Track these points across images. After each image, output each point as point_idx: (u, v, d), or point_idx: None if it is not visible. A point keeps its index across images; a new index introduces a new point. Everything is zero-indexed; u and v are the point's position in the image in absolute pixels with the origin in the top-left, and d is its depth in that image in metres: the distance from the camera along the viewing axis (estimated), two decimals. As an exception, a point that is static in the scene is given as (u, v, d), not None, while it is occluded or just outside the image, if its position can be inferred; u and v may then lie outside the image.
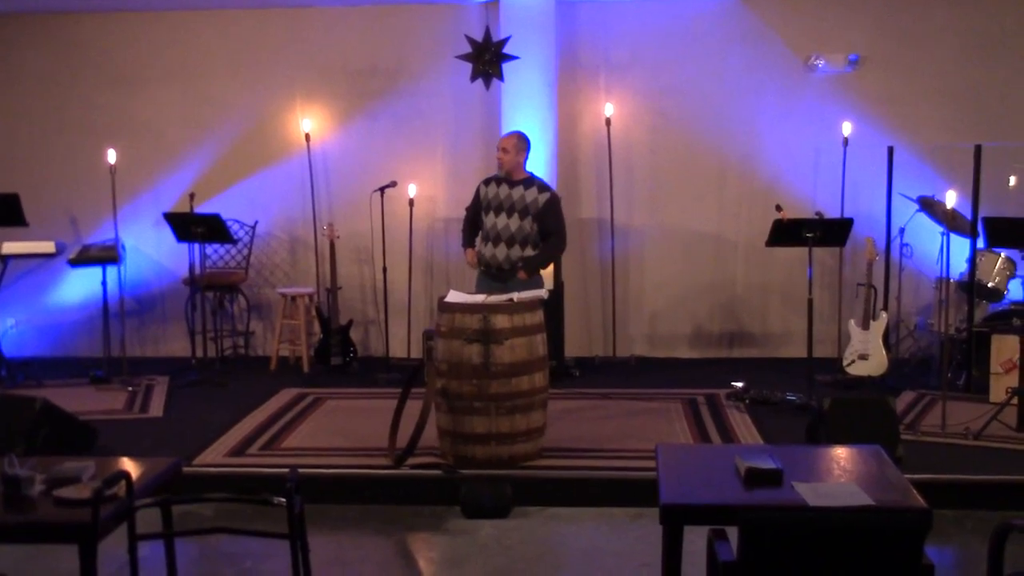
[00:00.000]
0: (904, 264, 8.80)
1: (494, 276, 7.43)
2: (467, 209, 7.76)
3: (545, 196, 7.35)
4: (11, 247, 8.91)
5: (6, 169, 9.28)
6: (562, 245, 7.62)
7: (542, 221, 7.35)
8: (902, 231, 8.65)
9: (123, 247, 9.28)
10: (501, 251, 7.38)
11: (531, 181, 7.42)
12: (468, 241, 7.71)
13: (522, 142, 7.45)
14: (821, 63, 9.27)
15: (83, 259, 9.14)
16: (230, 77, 9.82)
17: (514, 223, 7.34)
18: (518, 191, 7.36)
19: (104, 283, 8.99)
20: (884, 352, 8.27)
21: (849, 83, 9.35)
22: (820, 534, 3.48)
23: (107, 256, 9.07)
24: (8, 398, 6.98)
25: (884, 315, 8.41)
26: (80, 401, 7.94)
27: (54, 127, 9.95)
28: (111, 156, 8.84)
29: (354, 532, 6.05)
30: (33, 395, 6.94)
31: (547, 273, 8.57)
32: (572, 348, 9.34)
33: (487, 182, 7.54)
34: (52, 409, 6.77)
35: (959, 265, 8.47)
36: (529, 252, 7.38)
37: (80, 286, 9.73)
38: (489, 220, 7.44)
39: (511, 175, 7.42)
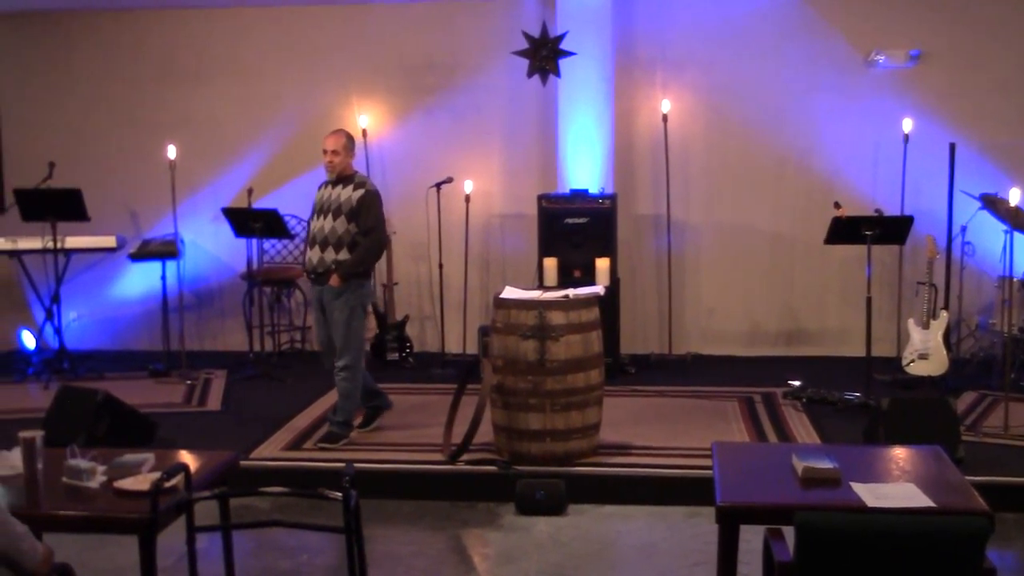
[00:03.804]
0: (966, 262, 8.65)
1: (313, 280, 7.03)
2: (309, 220, 7.29)
3: (359, 193, 6.86)
4: (74, 241, 9.06)
5: (69, 165, 9.39)
6: (377, 247, 6.99)
7: (357, 220, 6.84)
8: (964, 229, 8.51)
9: (182, 242, 9.36)
10: (315, 254, 6.91)
11: (351, 179, 6.96)
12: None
13: (351, 141, 7.03)
14: (882, 58, 9.14)
15: (143, 254, 9.24)
16: (288, 73, 9.88)
17: (327, 224, 6.86)
18: (337, 191, 6.92)
19: (163, 277, 9.08)
20: (944, 352, 8.14)
21: (910, 78, 9.21)
22: (878, 536, 3.44)
23: (167, 251, 9.16)
24: (70, 390, 7.09)
25: (945, 314, 8.27)
26: (140, 394, 8.02)
27: (115, 123, 10.07)
28: (171, 152, 8.95)
29: (408, 527, 6.06)
30: (94, 388, 7.06)
31: (603, 270, 8.55)
32: (628, 345, 9.29)
33: (321, 186, 7.10)
34: (113, 401, 6.88)
35: (1022, 264, 8.33)
36: (344, 255, 6.84)
37: (140, 280, 9.85)
38: (313, 224, 7.00)
39: (340, 176, 6.99)
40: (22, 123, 10.20)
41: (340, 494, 3.97)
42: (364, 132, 9.61)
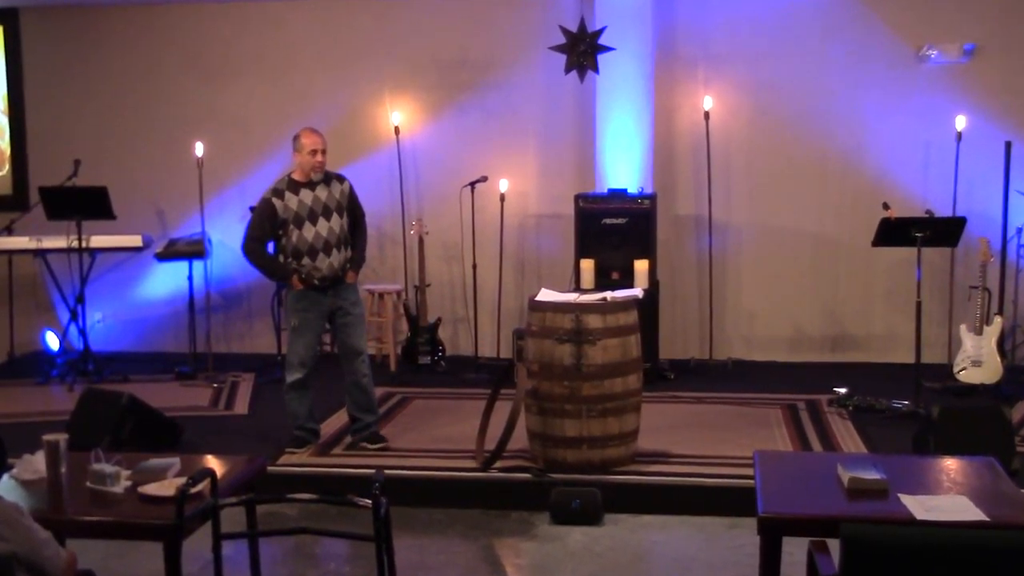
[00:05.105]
0: (1021, 266, 8.54)
1: (323, 289, 6.74)
2: (255, 238, 6.76)
3: (346, 184, 6.86)
4: (99, 240, 9.05)
5: (95, 162, 9.38)
6: (365, 231, 7.08)
7: (352, 211, 6.87)
8: (1020, 231, 8.41)
9: (209, 241, 9.36)
10: (335, 258, 6.72)
11: (329, 176, 6.79)
12: (286, 268, 6.75)
13: None
14: (934, 53, 8.90)
15: (170, 253, 9.28)
16: (318, 69, 9.80)
17: (336, 224, 6.74)
18: (322, 191, 6.71)
19: (190, 278, 9.13)
20: (998, 358, 7.93)
21: (964, 74, 8.97)
22: (928, 550, 3.36)
23: (194, 250, 9.19)
24: (95, 393, 7.08)
25: (999, 319, 8.07)
26: (165, 397, 8.00)
27: (142, 120, 10.03)
28: (198, 149, 8.94)
29: (439, 536, 6.02)
30: (119, 390, 7.08)
31: (642, 272, 8.43)
32: (667, 350, 9.13)
33: (278, 194, 6.68)
34: (138, 404, 6.89)
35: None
36: (348, 251, 6.83)
37: (167, 281, 9.81)
38: (307, 231, 6.65)
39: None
40: (47, 119, 10.18)
41: (370, 501, 3.97)
42: (396, 129, 9.53)
